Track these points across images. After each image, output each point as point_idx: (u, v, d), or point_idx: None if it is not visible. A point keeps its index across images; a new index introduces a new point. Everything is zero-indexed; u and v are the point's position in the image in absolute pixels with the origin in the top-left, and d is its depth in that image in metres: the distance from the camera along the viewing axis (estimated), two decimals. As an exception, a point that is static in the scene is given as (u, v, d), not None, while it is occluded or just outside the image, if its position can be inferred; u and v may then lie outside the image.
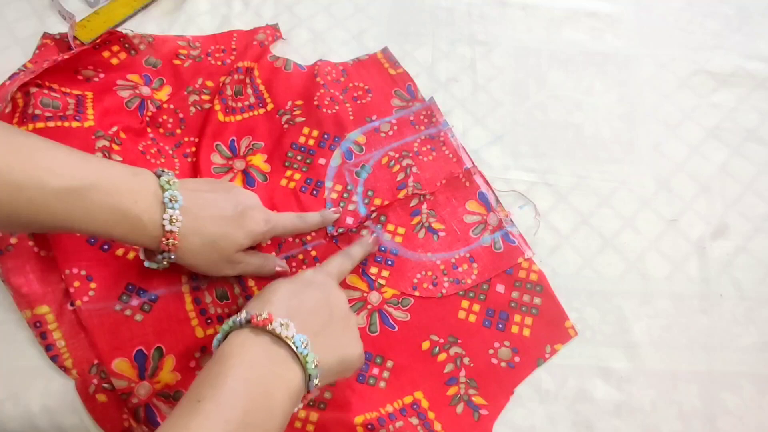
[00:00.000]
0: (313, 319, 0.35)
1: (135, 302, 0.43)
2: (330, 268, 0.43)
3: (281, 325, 0.33)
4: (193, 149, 0.52)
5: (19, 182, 0.33)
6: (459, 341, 0.46)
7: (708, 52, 0.61)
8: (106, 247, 0.45)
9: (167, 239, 0.37)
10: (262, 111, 0.55)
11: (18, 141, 0.35)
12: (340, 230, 0.49)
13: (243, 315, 0.33)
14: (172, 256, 0.39)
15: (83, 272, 0.43)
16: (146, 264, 0.41)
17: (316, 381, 0.33)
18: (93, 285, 0.43)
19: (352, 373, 0.40)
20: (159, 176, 0.39)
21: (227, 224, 0.40)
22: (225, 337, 0.34)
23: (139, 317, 0.43)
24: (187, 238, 0.38)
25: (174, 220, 0.37)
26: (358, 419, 0.42)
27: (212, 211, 0.40)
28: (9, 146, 0.34)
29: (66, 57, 0.50)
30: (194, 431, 0.28)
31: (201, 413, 0.28)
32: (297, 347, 0.32)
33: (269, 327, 0.32)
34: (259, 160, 0.52)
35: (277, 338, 0.32)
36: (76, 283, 0.43)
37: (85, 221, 0.35)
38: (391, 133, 0.54)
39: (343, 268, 0.44)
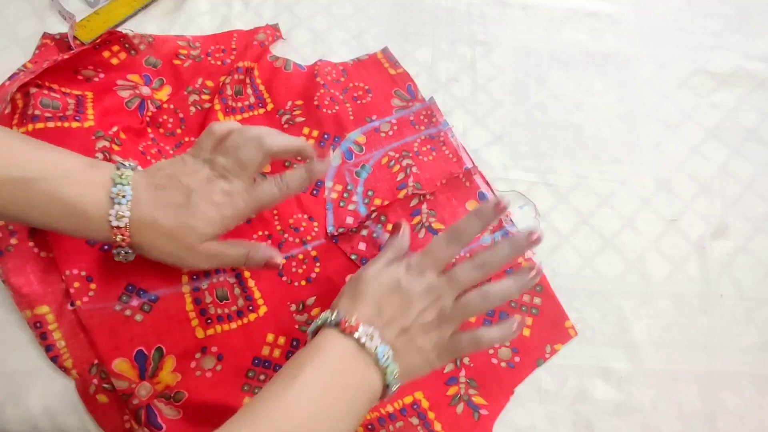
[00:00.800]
0: (395, 327, 0.36)
1: (135, 302, 0.43)
2: (432, 260, 0.40)
3: (366, 335, 0.34)
4: (193, 149, 0.52)
5: None
6: (459, 341, 0.46)
7: (708, 52, 0.61)
8: (106, 247, 0.45)
9: (115, 235, 0.37)
10: (262, 111, 0.55)
11: None
12: (341, 230, 0.49)
13: (334, 316, 0.35)
14: (129, 251, 0.39)
15: (83, 273, 0.43)
16: (115, 257, 0.40)
17: (394, 389, 0.35)
18: (93, 286, 0.43)
19: (433, 371, 0.40)
20: (117, 169, 0.38)
21: (180, 215, 0.38)
22: (317, 329, 0.36)
23: (139, 317, 0.43)
24: (140, 232, 0.37)
25: (120, 216, 0.36)
26: (359, 419, 0.42)
27: (162, 202, 0.38)
28: None
29: (66, 57, 0.50)
30: (290, 401, 0.31)
31: (296, 386, 0.31)
32: (379, 359, 0.34)
33: (355, 335, 0.34)
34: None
35: (363, 345, 0.34)
36: (76, 284, 0.43)
37: (32, 212, 0.35)
38: (391, 133, 0.54)
39: (448, 256, 0.40)
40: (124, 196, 0.36)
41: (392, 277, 0.38)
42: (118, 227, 0.36)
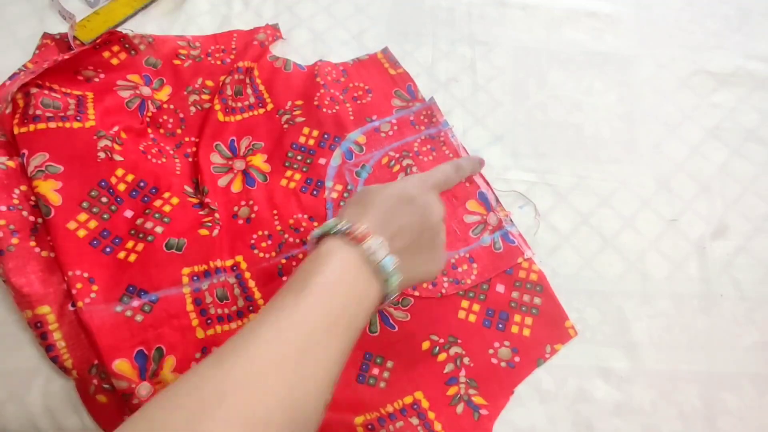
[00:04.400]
0: (403, 237, 0.36)
1: (136, 303, 0.43)
2: (436, 180, 0.41)
3: (376, 245, 0.34)
4: (194, 149, 0.52)
5: None
6: (459, 341, 0.46)
7: (708, 52, 0.61)
8: (108, 249, 0.45)
9: None
10: (261, 111, 0.55)
11: None
12: (341, 230, 0.49)
13: (343, 224, 0.34)
14: None
15: (86, 274, 0.43)
16: None
17: (392, 298, 0.35)
18: (95, 287, 0.43)
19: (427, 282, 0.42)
20: None
21: None
22: (322, 234, 0.35)
23: (139, 318, 0.43)
24: None
25: None
26: (359, 419, 0.42)
27: None
28: None
29: (66, 57, 0.50)
30: (301, 314, 0.30)
31: (303, 300, 0.31)
32: (384, 270, 0.34)
33: (363, 245, 0.34)
34: (259, 161, 0.52)
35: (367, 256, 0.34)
36: (79, 285, 0.43)
37: None
38: (391, 133, 0.54)
39: (450, 181, 0.43)
40: None
41: (402, 188, 0.38)
42: None
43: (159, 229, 0.46)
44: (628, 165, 0.55)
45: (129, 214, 0.46)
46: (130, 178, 0.47)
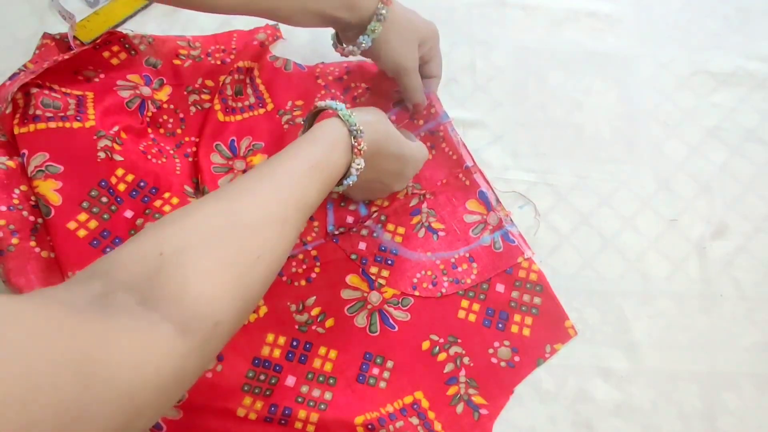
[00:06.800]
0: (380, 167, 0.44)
1: (135, 302, 0.43)
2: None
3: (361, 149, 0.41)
4: (194, 149, 0.52)
5: None
6: (459, 341, 0.46)
7: (708, 52, 0.61)
8: (108, 249, 0.45)
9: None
10: (262, 111, 0.55)
11: None
12: (341, 230, 0.49)
13: (357, 128, 0.40)
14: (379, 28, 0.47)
15: (84, 273, 0.43)
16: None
17: (349, 182, 0.41)
18: (94, 286, 0.43)
19: (387, 194, 0.50)
20: None
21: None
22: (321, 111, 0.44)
23: (139, 317, 0.43)
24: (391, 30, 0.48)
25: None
26: (359, 419, 0.42)
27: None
28: None
29: (66, 57, 0.50)
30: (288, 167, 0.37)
31: (296, 157, 0.38)
32: (354, 168, 0.41)
33: (358, 147, 0.40)
34: (259, 161, 0.52)
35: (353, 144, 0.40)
36: (77, 284, 0.43)
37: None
38: (391, 133, 0.54)
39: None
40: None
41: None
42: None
43: (159, 229, 0.46)
44: (628, 165, 0.55)
45: (129, 214, 0.46)
46: (130, 178, 0.47)
